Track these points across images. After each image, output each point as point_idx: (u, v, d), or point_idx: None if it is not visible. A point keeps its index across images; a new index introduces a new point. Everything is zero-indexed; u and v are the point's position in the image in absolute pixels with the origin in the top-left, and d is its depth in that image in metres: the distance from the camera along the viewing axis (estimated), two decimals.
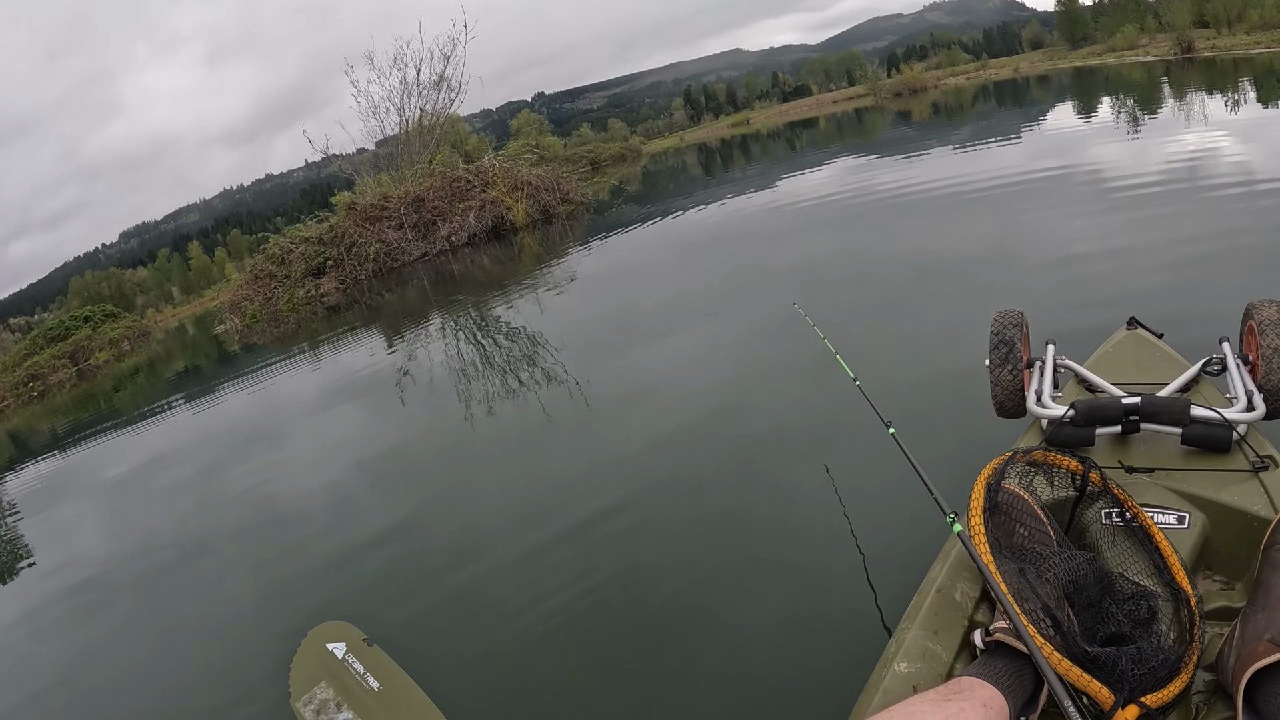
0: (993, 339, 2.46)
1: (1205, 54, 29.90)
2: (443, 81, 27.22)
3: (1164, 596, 1.53)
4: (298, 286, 20.68)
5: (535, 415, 5.43)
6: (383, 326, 12.52)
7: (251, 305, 21.21)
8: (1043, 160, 10.23)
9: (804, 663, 2.34)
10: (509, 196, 21.50)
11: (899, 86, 56.70)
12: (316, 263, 21.07)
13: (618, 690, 2.50)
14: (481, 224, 21.28)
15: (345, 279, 20.54)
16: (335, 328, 14.11)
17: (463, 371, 7.51)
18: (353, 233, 21.28)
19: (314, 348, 12.63)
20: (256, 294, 21.67)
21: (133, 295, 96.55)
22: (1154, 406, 1.90)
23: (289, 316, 18.91)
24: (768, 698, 2.25)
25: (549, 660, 2.73)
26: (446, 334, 10.06)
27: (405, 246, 21.06)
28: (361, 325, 13.48)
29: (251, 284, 22.44)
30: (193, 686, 3.30)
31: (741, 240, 10.78)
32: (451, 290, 14.02)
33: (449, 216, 21.44)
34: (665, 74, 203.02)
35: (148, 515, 6.28)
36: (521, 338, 8.12)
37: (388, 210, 21.78)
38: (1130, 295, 4.39)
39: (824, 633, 2.44)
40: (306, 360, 11.73)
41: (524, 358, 7.17)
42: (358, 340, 11.78)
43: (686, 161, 39.51)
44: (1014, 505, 1.63)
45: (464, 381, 7.06)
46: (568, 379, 6.01)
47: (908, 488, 2.61)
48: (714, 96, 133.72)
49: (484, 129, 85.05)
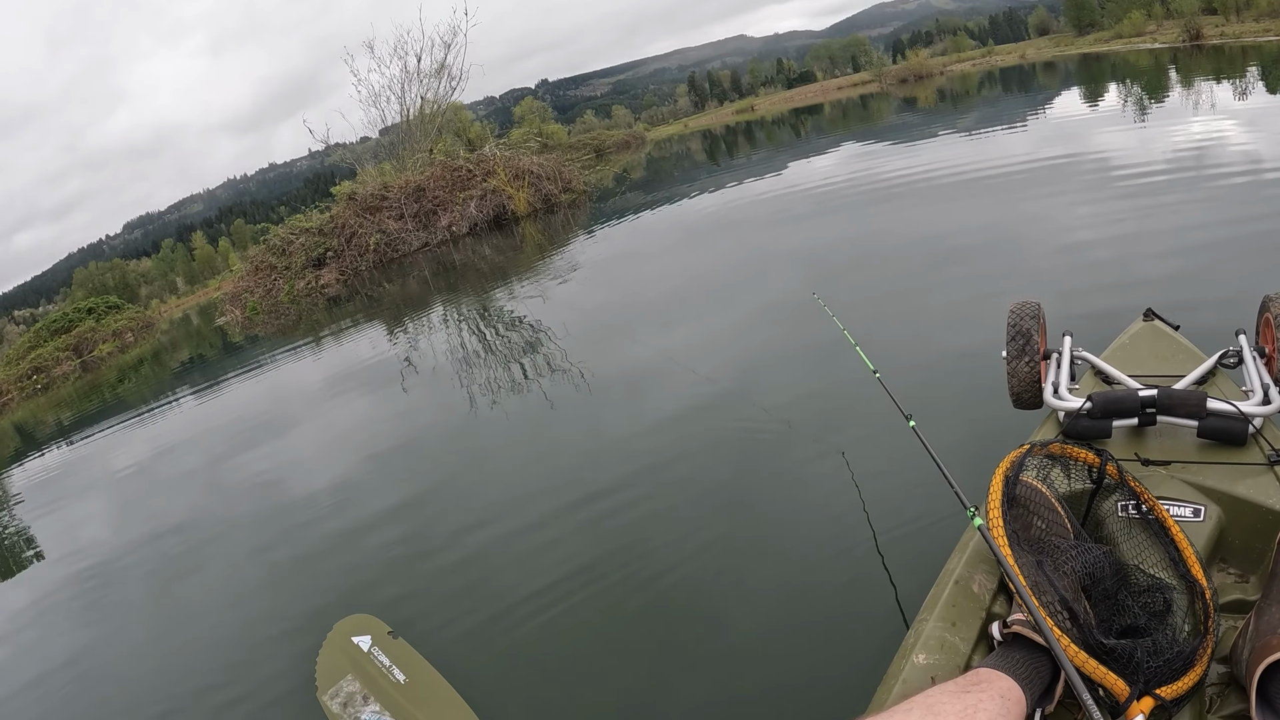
0: (1010, 330, 2.46)
1: (1214, 41, 29.70)
2: (443, 70, 27.21)
3: (1179, 589, 1.53)
4: (298, 278, 20.68)
5: (544, 405, 5.44)
6: (385, 317, 12.52)
7: (252, 297, 21.24)
8: (1051, 147, 10.20)
9: (822, 654, 2.36)
10: (510, 186, 21.44)
11: (904, 73, 56.25)
12: (317, 254, 21.05)
13: (637, 681, 2.52)
14: (483, 214, 21.21)
15: (346, 270, 20.50)
16: (337, 319, 14.13)
17: (468, 361, 7.53)
18: (353, 223, 21.23)
19: (316, 339, 12.64)
20: (257, 285, 21.70)
21: (137, 286, 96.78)
22: (1170, 399, 1.90)
23: (290, 308, 18.93)
24: (786, 688, 2.27)
25: (569, 650, 2.75)
26: (450, 324, 10.08)
27: (406, 237, 21.02)
28: (363, 316, 13.49)
29: (252, 275, 22.48)
30: (219, 678, 3.32)
31: (748, 227, 10.75)
32: (453, 280, 14.03)
33: (450, 206, 21.40)
34: (669, 60, 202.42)
35: (164, 507, 6.28)
36: (526, 327, 8.13)
37: (388, 200, 21.72)
38: (1146, 284, 4.38)
39: (843, 624, 2.46)
40: (308, 352, 11.74)
41: (530, 347, 7.18)
42: (360, 331, 11.80)
43: (691, 148, 39.38)
44: (1031, 498, 1.64)
45: (471, 371, 7.07)
46: (575, 368, 6.02)
47: (924, 479, 2.62)
48: (718, 83, 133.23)
49: (487, 116, 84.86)
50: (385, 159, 26.29)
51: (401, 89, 27.00)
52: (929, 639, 1.49)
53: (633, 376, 5.57)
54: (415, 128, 26.79)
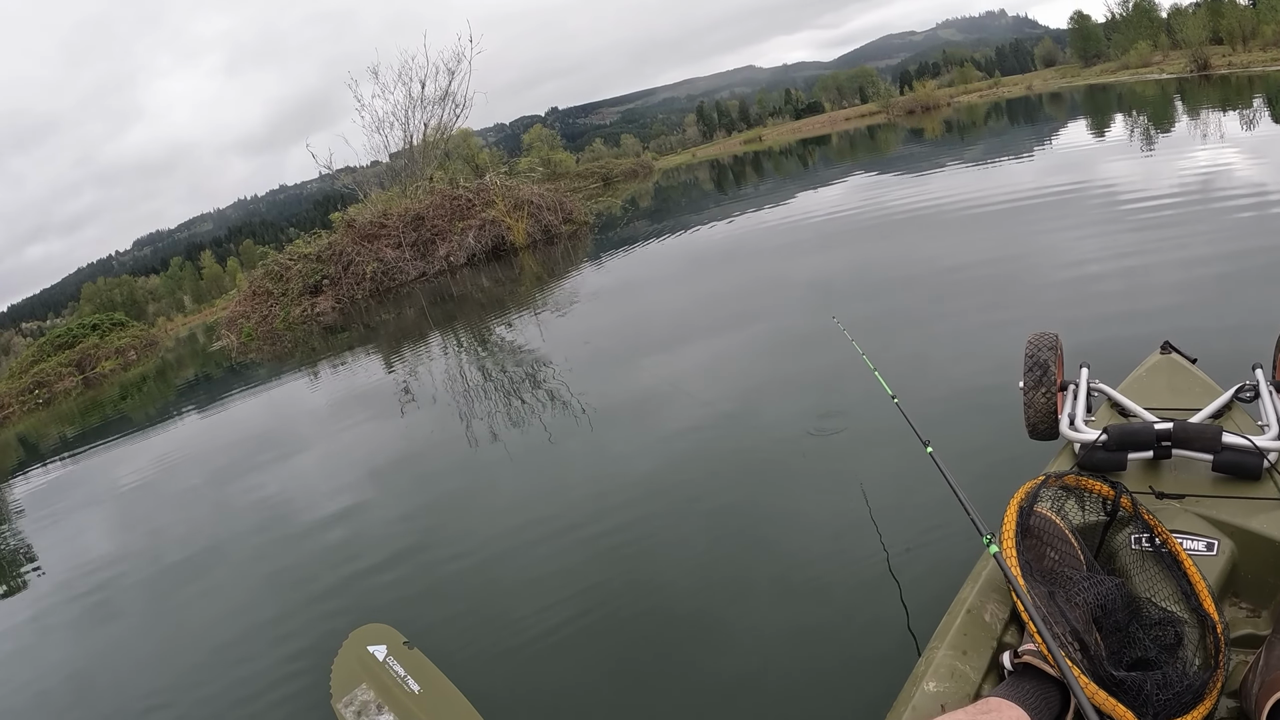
0: (1027, 361, 2.46)
1: (1222, 71, 29.89)
2: (447, 96, 27.11)
3: (1190, 622, 1.53)
4: (294, 305, 20.50)
5: (556, 432, 5.43)
6: (384, 346, 12.45)
7: (248, 322, 21.06)
8: (1059, 177, 10.26)
9: (833, 680, 2.36)
10: (509, 216, 21.22)
11: (911, 104, 56.77)
12: (313, 280, 20.85)
13: (647, 703, 2.52)
14: (481, 244, 20.96)
15: (342, 298, 20.29)
16: (334, 347, 14.06)
17: (471, 388, 7.56)
18: (350, 251, 21.03)
19: (312, 366, 12.62)
20: (253, 311, 21.49)
21: (145, 303, 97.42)
22: (1186, 433, 1.90)
23: (284, 335, 18.85)
24: (796, 714, 2.27)
25: (580, 671, 2.76)
26: (449, 353, 10.11)
27: (403, 266, 20.78)
28: (359, 343, 13.50)
29: (249, 300, 22.28)
30: (232, 686, 3.34)
31: (757, 256, 10.80)
32: (451, 311, 13.92)
33: (448, 235, 21.20)
34: (679, 90, 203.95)
35: (170, 519, 6.30)
36: (523, 355, 8.17)
37: (387, 228, 21.51)
38: (1161, 316, 4.39)
39: (853, 650, 2.45)
40: (306, 377, 11.75)
41: (531, 374, 7.19)
42: (356, 360, 11.79)
43: (699, 177, 39.65)
44: (1045, 529, 1.65)
45: (486, 398, 7.09)
46: (587, 393, 6.04)
47: (936, 507, 2.63)
48: (727, 113, 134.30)
49: (497, 143, 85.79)
50: (389, 185, 26.19)
51: (406, 115, 26.96)
52: (940, 667, 1.49)
53: (645, 403, 5.57)
54: (418, 154, 26.76)
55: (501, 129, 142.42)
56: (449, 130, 28.15)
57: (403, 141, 27.02)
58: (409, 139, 26.97)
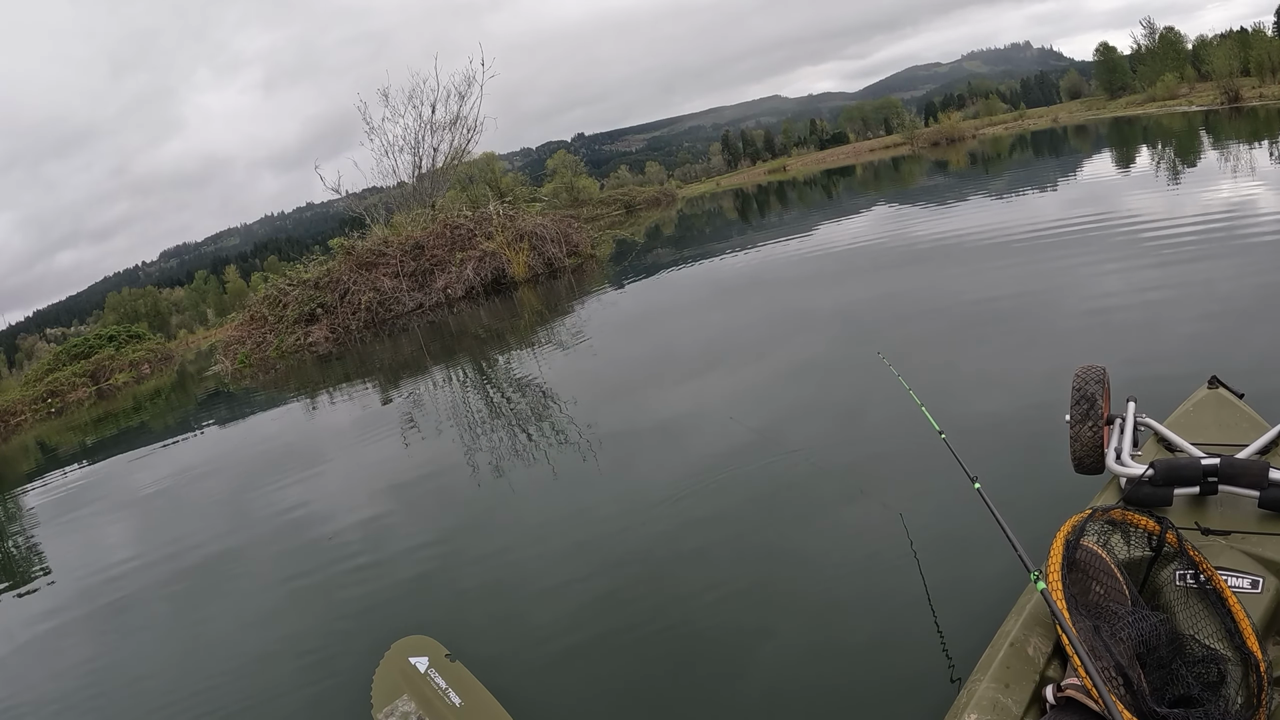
0: (1074, 394, 2.44)
1: (1254, 103, 29.66)
2: (459, 120, 26.79)
3: (1234, 660, 1.54)
4: (288, 333, 20.04)
5: (592, 457, 5.43)
6: (386, 376, 12.37)
7: (243, 348, 20.69)
8: (1085, 208, 10.26)
9: (875, 710, 2.35)
10: (510, 249, 20.54)
11: (936, 135, 56.66)
12: (309, 308, 20.32)
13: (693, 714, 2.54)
14: (480, 277, 20.23)
15: (337, 328, 19.72)
16: (330, 378, 13.97)
17: (486, 417, 7.63)
18: (348, 279, 20.47)
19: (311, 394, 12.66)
20: (249, 337, 21.13)
21: (168, 314, 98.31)
22: (1233, 469, 1.89)
23: (277, 363, 18.65)
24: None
25: (615, 680, 2.80)
26: (453, 383, 10.17)
27: (400, 296, 20.16)
28: (357, 373, 13.52)
29: (246, 325, 21.90)
30: (273, 695, 3.36)
31: (785, 286, 10.80)
32: (450, 344, 13.81)
33: (447, 267, 20.55)
34: (704, 119, 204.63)
35: (192, 530, 6.33)
36: (532, 386, 8.23)
37: (386, 256, 20.96)
38: (1208, 350, 4.36)
39: (894, 681, 2.45)
40: (302, 404, 11.82)
41: (549, 402, 7.26)
42: (366, 389, 11.82)
43: (723, 206, 39.78)
44: (1091, 563, 1.65)
45: (496, 423, 7.16)
46: (634, 418, 6.10)
47: (978, 540, 2.61)
48: (752, 142, 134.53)
49: (524, 168, 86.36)
50: (396, 210, 25.61)
51: (416, 139, 26.60)
52: (981, 699, 1.50)
53: (684, 431, 5.58)
54: (427, 179, 26.47)
55: (529, 153, 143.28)
56: (461, 155, 27.84)
57: (413, 165, 26.75)
58: (418, 163, 26.69)
